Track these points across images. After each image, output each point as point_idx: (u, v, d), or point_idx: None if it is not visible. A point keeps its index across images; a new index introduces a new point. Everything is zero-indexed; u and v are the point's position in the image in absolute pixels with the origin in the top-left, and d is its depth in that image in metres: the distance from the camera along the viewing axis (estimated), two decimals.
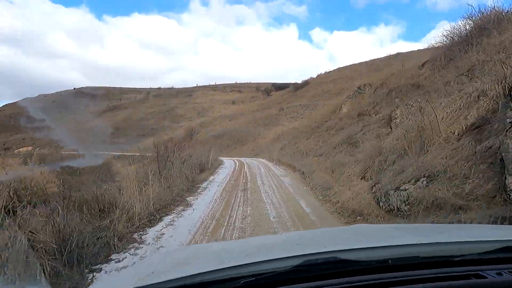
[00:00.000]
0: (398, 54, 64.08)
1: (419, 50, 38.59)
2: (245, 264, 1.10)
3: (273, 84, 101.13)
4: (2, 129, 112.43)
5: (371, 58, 71.44)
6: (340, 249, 1.20)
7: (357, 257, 1.13)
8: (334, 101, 36.95)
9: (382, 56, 71.75)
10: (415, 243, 1.28)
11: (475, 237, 1.36)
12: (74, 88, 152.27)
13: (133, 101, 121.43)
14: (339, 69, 76.26)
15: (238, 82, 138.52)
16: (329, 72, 78.86)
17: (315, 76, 78.47)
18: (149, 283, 1.03)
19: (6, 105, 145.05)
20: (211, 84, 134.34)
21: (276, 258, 1.13)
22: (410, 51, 53.32)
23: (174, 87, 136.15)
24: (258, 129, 41.37)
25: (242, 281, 1.02)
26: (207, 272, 1.05)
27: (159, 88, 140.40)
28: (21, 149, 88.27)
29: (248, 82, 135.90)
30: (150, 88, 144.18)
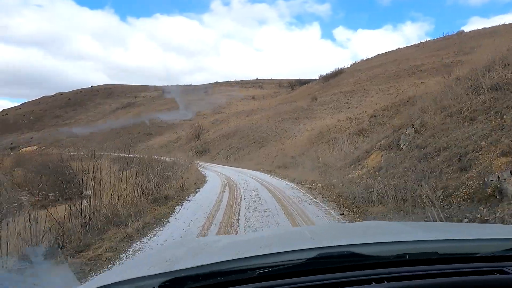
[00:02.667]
0: (461, 33, 49.62)
1: None
2: (261, 255, 1.10)
3: (297, 80, 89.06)
4: (15, 127, 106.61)
5: (421, 41, 58.45)
6: (355, 243, 1.19)
7: (373, 251, 1.11)
8: (395, 83, 26.17)
9: (433, 38, 57.93)
10: (433, 239, 1.28)
11: (495, 235, 1.34)
12: (91, 86, 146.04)
13: (148, 99, 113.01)
14: (379, 55, 61.65)
15: (259, 78, 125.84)
16: (366, 59, 64.32)
17: (348, 66, 64.11)
18: (168, 270, 1.02)
19: (23, 103, 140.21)
20: (230, 80, 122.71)
21: (291, 250, 1.12)
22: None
23: (192, 84, 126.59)
24: (284, 125, 27.82)
25: (258, 272, 1.00)
26: (224, 261, 1.05)
27: (177, 86, 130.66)
28: (26, 149, 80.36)
29: (270, 78, 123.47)
30: (168, 85, 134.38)
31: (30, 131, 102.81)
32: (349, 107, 26.49)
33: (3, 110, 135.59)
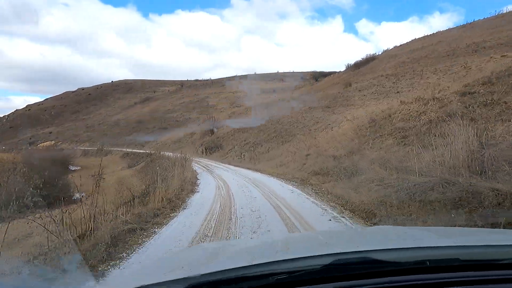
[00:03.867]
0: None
1: None
2: (278, 261, 1.08)
3: (320, 73, 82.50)
4: (36, 122, 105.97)
5: (467, 23, 50.90)
6: (373, 248, 1.15)
7: (391, 257, 1.08)
8: (455, 62, 21.03)
9: (482, 18, 50.03)
10: (455, 245, 1.24)
11: None
12: (112, 81, 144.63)
13: (166, 93, 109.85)
14: (415, 40, 54.23)
15: (280, 71, 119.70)
16: (400, 45, 57.12)
17: (379, 53, 57.03)
18: (187, 275, 1.00)
19: (46, 99, 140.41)
20: (249, 74, 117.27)
21: (309, 256, 1.10)
22: None
23: (211, 78, 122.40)
24: (312, 114, 21.85)
25: (275, 278, 0.98)
26: (240, 267, 1.03)
27: (196, 80, 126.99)
28: (44, 144, 78.74)
29: (291, 71, 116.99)
30: (187, 80, 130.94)
31: (51, 126, 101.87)
32: (398, 91, 20.25)
33: (27, 106, 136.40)
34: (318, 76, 73.92)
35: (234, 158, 20.00)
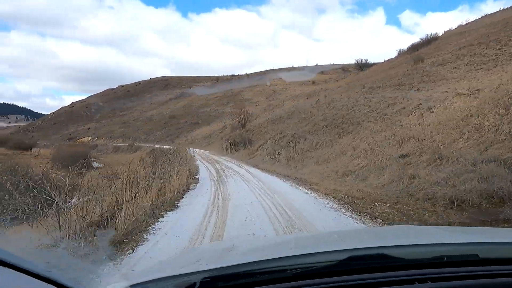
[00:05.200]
0: None
1: None
2: (294, 255, 1.07)
3: (366, 63, 73.81)
4: (77, 119, 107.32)
5: None
6: (388, 245, 1.14)
7: (408, 253, 1.06)
8: None
9: None
10: (473, 241, 1.21)
11: None
12: (150, 78, 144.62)
13: (201, 88, 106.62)
14: (487, 16, 44.50)
15: (318, 64, 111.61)
16: (467, 23, 47.69)
17: (441, 33, 47.90)
18: (202, 269, 1.00)
19: (89, 96, 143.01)
20: (287, 67, 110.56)
21: (324, 251, 1.09)
22: None
23: (247, 73, 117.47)
24: (381, 94, 14.77)
25: (291, 273, 0.97)
26: (257, 261, 1.02)
27: (232, 75, 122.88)
28: (82, 139, 78.94)
29: (331, 64, 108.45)
30: (223, 75, 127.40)
31: (90, 122, 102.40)
32: None
33: (71, 103, 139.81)
34: (363, 66, 65.89)
35: (264, 157, 13.82)
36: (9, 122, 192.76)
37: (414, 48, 43.84)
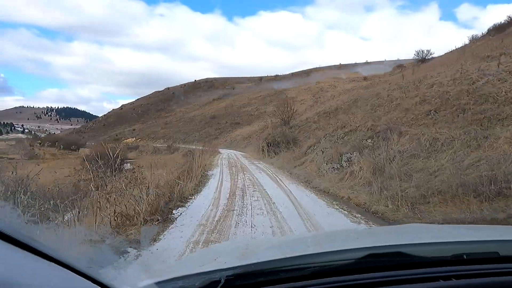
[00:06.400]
0: None
1: None
2: (311, 254, 1.06)
3: (424, 59, 64.64)
4: (124, 120, 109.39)
5: None
6: (407, 243, 1.12)
7: (427, 251, 1.04)
8: None
9: None
10: (494, 239, 1.19)
11: None
12: (195, 80, 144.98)
13: (244, 88, 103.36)
14: None
15: (369, 61, 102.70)
16: None
17: None
18: (225, 266, 1.00)
19: (138, 99, 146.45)
20: (334, 64, 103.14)
21: (341, 249, 1.08)
22: None
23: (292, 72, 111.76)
24: None
25: (309, 271, 0.96)
26: (275, 260, 1.01)
27: (276, 75, 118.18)
28: (127, 140, 79.42)
29: (383, 60, 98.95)
30: (267, 75, 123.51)
31: (136, 124, 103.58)
32: None
33: (121, 105, 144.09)
34: (424, 57, 57.21)
35: (320, 165, 8.18)
36: (71, 125, 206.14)
37: (498, 28, 35.54)
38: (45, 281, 0.63)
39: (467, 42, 42.27)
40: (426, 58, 58.11)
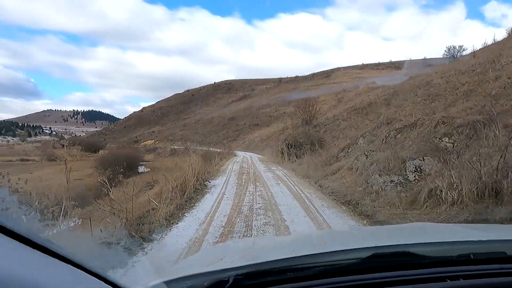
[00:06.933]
0: None
1: None
2: (318, 253, 1.05)
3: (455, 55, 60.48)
4: (145, 123, 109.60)
5: None
6: (413, 242, 1.10)
7: (433, 250, 1.03)
8: None
9: None
10: (500, 239, 1.16)
11: None
12: (214, 82, 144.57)
13: (263, 90, 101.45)
14: None
15: (393, 60, 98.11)
16: None
17: None
18: (233, 265, 0.99)
19: (158, 101, 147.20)
20: (356, 64, 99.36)
21: (347, 249, 1.06)
22: None
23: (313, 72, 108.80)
24: None
25: (315, 270, 0.95)
26: (281, 259, 0.99)
27: (296, 77, 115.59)
28: (146, 142, 79.52)
29: (409, 59, 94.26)
30: (286, 77, 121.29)
31: (156, 126, 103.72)
32: None
33: (142, 108, 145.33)
34: (456, 54, 53.19)
35: (369, 176, 5.47)
36: (96, 127, 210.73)
37: None
38: (60, 282, 0.63)
39: (505, 35, 38.18)
40: (458, 55, 53.90)
